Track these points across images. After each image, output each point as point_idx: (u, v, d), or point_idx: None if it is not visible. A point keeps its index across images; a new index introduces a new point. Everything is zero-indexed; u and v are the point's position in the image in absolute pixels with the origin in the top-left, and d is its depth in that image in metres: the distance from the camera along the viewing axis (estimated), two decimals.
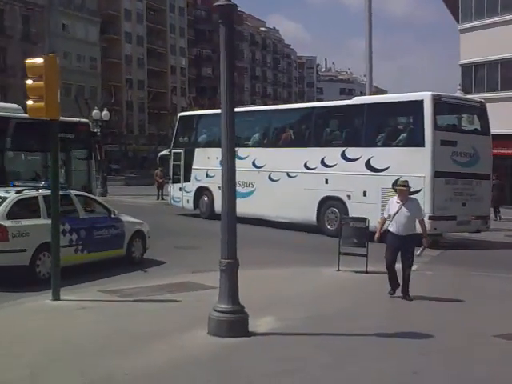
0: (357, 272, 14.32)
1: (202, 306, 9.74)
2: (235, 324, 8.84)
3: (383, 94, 61.89)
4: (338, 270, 14.32)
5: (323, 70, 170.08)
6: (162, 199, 39.08)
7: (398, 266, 11.84)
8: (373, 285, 11.70)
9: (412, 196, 12.02)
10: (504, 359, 8.36)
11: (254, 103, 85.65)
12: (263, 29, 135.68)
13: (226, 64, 8.90)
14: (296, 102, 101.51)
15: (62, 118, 24.08)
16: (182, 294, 11.69)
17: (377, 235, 11.99)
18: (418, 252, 11.83)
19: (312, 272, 14.82)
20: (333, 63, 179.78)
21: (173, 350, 8.20)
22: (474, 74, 43.99)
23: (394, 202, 11.83)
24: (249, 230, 22.31)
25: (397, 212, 11.58)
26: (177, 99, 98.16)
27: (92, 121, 31.75)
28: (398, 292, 11.78)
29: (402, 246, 11.64)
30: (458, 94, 31.01)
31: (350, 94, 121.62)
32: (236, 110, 28.83)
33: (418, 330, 9.45)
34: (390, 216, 11.73)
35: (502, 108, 34.79)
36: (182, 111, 44.99)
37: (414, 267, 15.94)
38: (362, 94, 38.27)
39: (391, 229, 11.71)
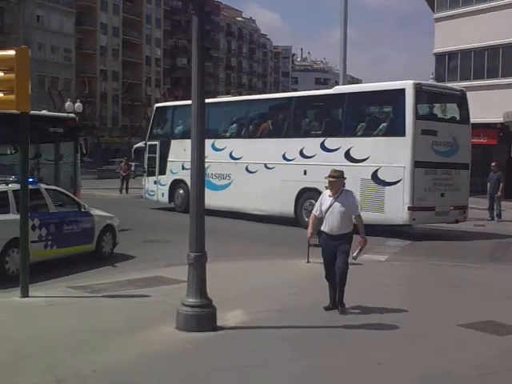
0: None
1: (171, 301, 9.76)
2: (203, 318, 8.82)
3: (358, 83, 62.04)
4: (308, 261, 14.22)
5: (299, 59, 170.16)
6: (127, 193, 38.77)
7: None
8: None
9: (347, 188, 10.49)
10: (468, 349, 8.45)
11: (228, 93, 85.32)
12: (239, 19, 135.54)
13: (198, 54, 8.84)
14: (271, 92, 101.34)
15: (51, 113, 24.45)
16: (152, 288, 11.64)
17: (308, 235, 10.51)
18: (355, 254, 10.20)
19: (281, 264, 14.82)
20: (308, 53, 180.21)
21: (141, 346, 8.17)
22: (448, 63, 44.28)
23: (327, 196, 10.21)
24: (223, 223, 22.34)
25: (329, 207, 10.01)
26: (151, 90, 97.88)
27: (65, 113, 31.50)
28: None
29: (336, 248, 9.96)
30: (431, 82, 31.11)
31: (325, 83, 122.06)
32: (214, 100, 28.57)
33: (384, 321, 9.54)
34: (321, 212, 10.10)
35: (475, 97, 35.02)
36: (156, 102, 44.73)
37: (383, 258, 16.20)
38: (336, 83, 38.20)
39: (324, 228, 10.08)
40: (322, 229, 10.13)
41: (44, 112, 22.43)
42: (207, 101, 9.15)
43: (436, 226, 22.40)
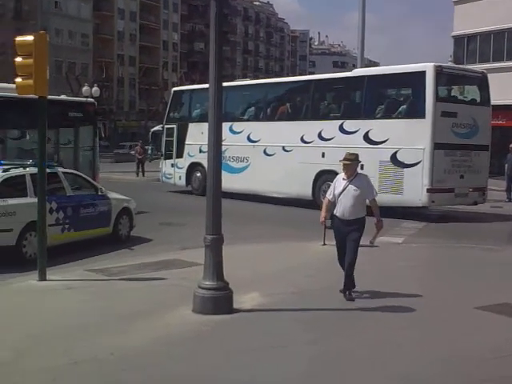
0: None
1: (188, 284, 9.76)
2: (220, 301, 8.82)
3: (375, 66, 61.63)
4: (324, 244, 14.11)
5: (316, 43, 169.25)
6: (143, 176, 38.89)
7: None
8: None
9: (361, 172, 10.20)
10: (485, 331, 8.39)
11: (245, 77, 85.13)
12: (257, 3, 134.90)
13: (216, 38, 8.80)
14: (288, 76, 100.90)
15: (69, 97, 24.58)
16: (168, 271, 11.65)
17: (321, 219, 10.16)
18: (372, 239, 10.17)
19: (297, 247, 14.82)
20: (326, 36, 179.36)
21: (158, 329, 8.20)
22: (467, 46, 43.89)
23: (341, 180, 9.84)
24: (240, 206, 22.33)
25: (342, 191, 9.68)
26: (168, 74, 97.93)
27: (83, 97, 31.54)
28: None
29: (348, 234, 9.72)
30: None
31: (343, 67, 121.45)
32: (232, 83, 28.50)
33: (400, 303, 9.49)
34: (334, 196, 9.78)
35: (494, 79, 34.67)
36: (173, 86, 44.71)
37: (400, 240, 16.12)
38: (354, 66, 37.98)
39: (336, 212, 9.78)
40: (334, 212, 9.88)
41: (63, 97, 22.52)
42: (225, 84, 9.07)
43: (452, 208, 22.28)
